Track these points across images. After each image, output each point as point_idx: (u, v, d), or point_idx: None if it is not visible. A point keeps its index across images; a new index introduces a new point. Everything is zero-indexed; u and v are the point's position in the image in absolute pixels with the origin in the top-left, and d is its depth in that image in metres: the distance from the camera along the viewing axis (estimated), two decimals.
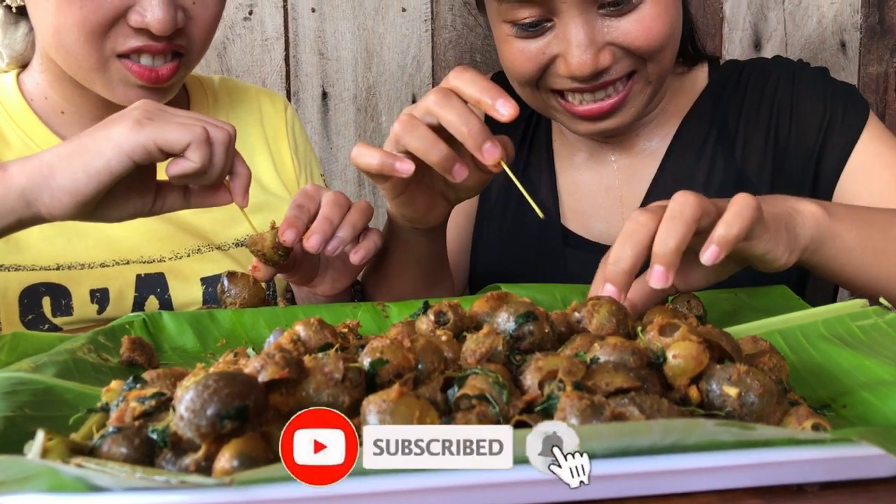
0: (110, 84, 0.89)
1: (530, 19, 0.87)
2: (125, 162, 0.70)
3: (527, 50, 0.89)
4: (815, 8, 1.53)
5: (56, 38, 0.87)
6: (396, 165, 0.73)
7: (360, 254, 0.80)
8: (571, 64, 0.86)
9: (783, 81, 0.99)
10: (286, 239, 0.77)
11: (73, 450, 0.43)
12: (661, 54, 0.89)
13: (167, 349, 0.73)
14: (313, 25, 1.46)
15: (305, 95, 1.48)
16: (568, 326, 0.62)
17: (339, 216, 0.79)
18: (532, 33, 0.88)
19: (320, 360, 0.48)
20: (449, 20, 1.48)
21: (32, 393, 0.55)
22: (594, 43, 0.86)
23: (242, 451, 0.42)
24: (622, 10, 0.86)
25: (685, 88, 1.03)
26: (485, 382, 0.48)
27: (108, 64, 0.88)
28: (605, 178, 1.03)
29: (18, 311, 0.90)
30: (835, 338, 0.66)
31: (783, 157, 0.97)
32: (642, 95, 0.92)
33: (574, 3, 0.84)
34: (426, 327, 0.62)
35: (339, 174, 1.50)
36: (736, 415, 0.49)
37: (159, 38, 0.86)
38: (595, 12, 0.86)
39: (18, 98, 0.97)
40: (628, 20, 0.86)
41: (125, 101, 0.90)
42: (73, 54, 0.87)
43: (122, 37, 0.86)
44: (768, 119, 0.99)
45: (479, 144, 0.71)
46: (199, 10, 0.89)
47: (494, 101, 0.71)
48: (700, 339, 0.52)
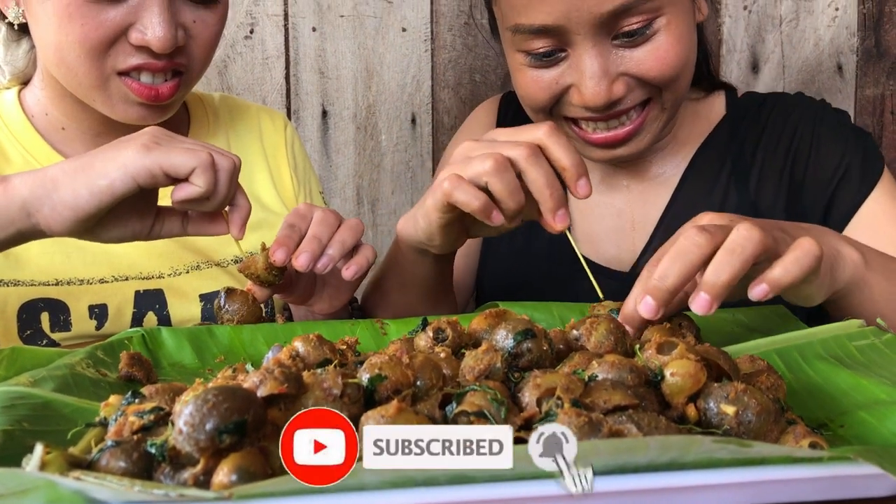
0: (110, 101, 0.90)
1: (544, 49, 0.87)
2: (129, 184, 0.71)
3: (540, 79, 0.90)
4: (812, 31, 1.54)
5: (57, 55, 0.88)
6: (493, 214, 0.73)
7: (351, 269, 0.80)
8: (585, 94, 0.87)
9: (805, 119, 1.00)
10: (277, 259, 0.77)
11: (72, 463, 0.43)
12: (675, 83, 0.89)
13: (165, 365, 0.73)
14: (314, 44, 1.47)
15: (305, 114, 1.49)
16: (566, 344, 0.62)
17: (329, 234, 0.79)
18: (546, 63, 0.89)
19: (319, 375, 0.48)
20: (448, 40, 1.50)
21: (31, 407, 0.55)
22: (608, 74, 0.86)
23: (241, 465, 0.42)
24: (636, 41, 0.86)
25: (701, 116, 1.04)
26: (483, 399, 0.49)
27: (109, 81, 0.89)
28: (617, 202, 1.03)
29: (17, 327, 0.90)
30: (832, 358, 0.66)
31: (796, 195, 0.97)
32: (657, 122, 0.92)
33: (588, 35, 0.85)
34: (425, 344, 0.62)
35: (339, 192, 1.51)
36: (733, 433, 0.49)
37: (160, 56, 0.87)
38: (608, 43, 0.86)
39: (20, 114, 0.98)
40: (642, 50, 0.86)
41: (125, 118, 0.91)
42: (74, 71, 0.88)
43: (122, 55, 0.87)
44: (785, 154, 0.99)
45: (555, 210, 0.72)
46: (199, 28, 0.90)
47: (578, 177, 0.72)
48: (698, 357, 0.53)
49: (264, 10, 1.45)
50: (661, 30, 0.86)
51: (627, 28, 0.85)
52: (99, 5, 0.84)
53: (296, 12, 1.46)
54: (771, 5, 1.54)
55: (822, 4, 1.54)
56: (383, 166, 1.52)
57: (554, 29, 0.86)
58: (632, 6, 0.84)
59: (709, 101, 1.04)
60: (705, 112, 1.04)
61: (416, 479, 0.40)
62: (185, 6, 0.88)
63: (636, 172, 1.03)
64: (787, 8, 1.54)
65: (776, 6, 1.54)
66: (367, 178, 1.52)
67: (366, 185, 1.52)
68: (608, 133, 0.90)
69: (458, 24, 1.50)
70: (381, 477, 0.40)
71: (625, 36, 0.86)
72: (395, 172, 1.52)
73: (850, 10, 1.54)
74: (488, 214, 0.73)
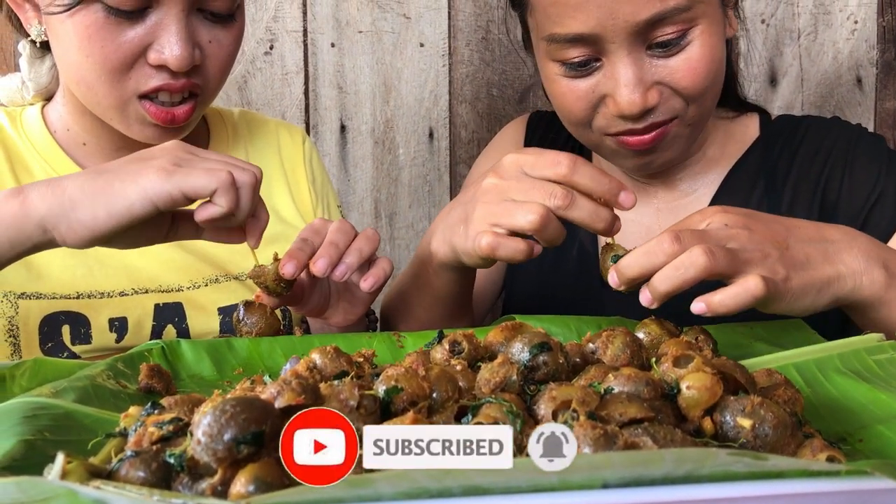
0: (127, 121, 0.92)
1: (579, 59, 0.88)
2: (148, 208, 0.71)
3: (576, 89, 0.90)
4: (831, 44, 1.54)
5: (77, 75, 0.89)
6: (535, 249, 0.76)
7: (369, 281, 0.80)
8: (620, 102, 0.87)
9: (841, 142, 0.99)
10: (286, 272, 0.78)
11: (92, 472, 0.44)
12: (703, 97, 0.90)
13: (185, 377, 0.73)
14: (333, 60, 1.48)
15: (324, 128, 1.50)
16: (582, 357, 0.62)
17: (346, 242, 0.80)
18: (581, 72, 0.89)
19: (336, 387, 0.49)
20: (466, 55, 1.50)
21: (52, 417, 0.55)
22: (642, 82, 0.86)
23: (258, 475, 0.42)
24: (670, 51, 0.87)
25: (735, 137, 1.04)
26: (499, 411, 0.49)
27: (128, 104, 0.90)
28: (646, 219, 1.03)
29: (38, 339, 0.91)
30: (851, 372, 0.65)
31: (828, 217, 0.97)
32: (681, 138, 0.93)
33: (623, 44, 0.85)
34: (441, 357, 0.63)
35: (357, 206, 1.52)
36: (750, 446, 0.49)
37: (177, 75, 0.88)
38: (643, 52, 0.87)
39: (42, 130, 0.99)
40: (675, 60, 0.87)
41: (142, 138, 0.93)
42: (94, 91, 0.90)
43: (143, 77, 0.88)
44: (819, 176, 0.98)
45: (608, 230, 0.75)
46: (214, 49, 0.91)
47: (616, 194, 0.73)
48: (714, 370, 0.53)
49: (284, 27, 1.47)
50: (695, 40, 0.87)
51: (662, 38, 0.86)
52: (118, 26, 0.86)
53: (315, 28, 1.48)
54: (789, 18, 1.54)
55: (840, 17, 1.53)
56: (401, 180, 1.53)
57: (589, 37, 0.86)
58: (667, 15, 0.85)
59: (742, 122, 1.05)
60: (739, 133, 1.04)
61: (431, 491, 0.40)
62: (202, 25, 0.90)
63: (666, 190, 1.03)
64: (805, 21, 1.53)
65: (794, 19, 1.54)
66: (384, 191, 1.52)
67: (383, 198, 1.53)
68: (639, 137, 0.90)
69: (475, 39, 1.50)
70: (396, 488, 0.40)
71: (659, 46, 0.86)
72: (412, 186, 1.53)
73: (870, 22, 1.53)
74: (531, 254, 0.76)
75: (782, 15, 1.53)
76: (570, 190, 0.73)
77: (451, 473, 0.40)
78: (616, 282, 0.70)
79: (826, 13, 1.53)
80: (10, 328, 0.90)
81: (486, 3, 1.50)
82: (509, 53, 1.51)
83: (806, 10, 1.53)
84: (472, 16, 1.50)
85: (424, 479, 0.40)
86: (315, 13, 1.47)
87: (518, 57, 1.50)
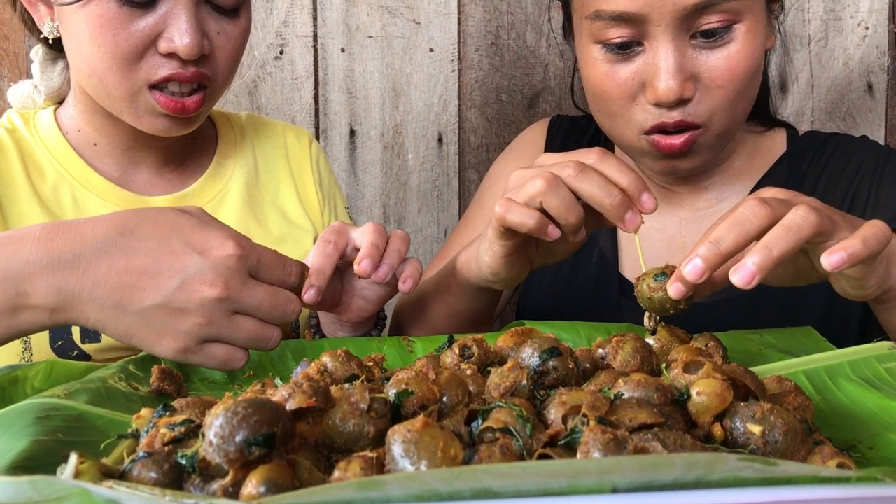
0: (137, 113, 0.93)
1: (621, 39, 0.88)
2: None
3: (615, 75, 0.90)
4: (842, 50, 1.54)
5: (89, 66, 0.91)
6: (549, 229, 0.73)
7: (408, 283, 0.81)
8: (658, 88, 0.86)
9: (869, 161, 0.99)
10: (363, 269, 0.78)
11: (105, 473, 0.44)
12: (736, 102, 0.89)
13: (195, 380, 0.74)
14: (342, 65, 1.49)
15: (333, 133, 1.51)
16: (592, 363, 0.62)
17: (384, 243, 0.81)
18: (621, 56, 0.89)
19: (347, 390, 0.49)
20: (476, 60, 1.51)
21: (65, 418, 0.56)
22: (682, 70, 0.86)
23: (269, 477, 0.42)
24: (714, 42, 0.87)
25: (762, 151, 1.04)
26: (509, 416, 0.49)
27: (139, 94, 0.91)
28: (669, 228, 1.03)
29: (49, 337, 0.92)
30: (861, 379, 0.65)
31: None
32: (710, 147, 0.92)
33: (667, 28, 0.85)
34: (451, 361, 0.63)
35: (366, 210, 1.52)
36: (760, 453, 0.49)
37: (187, 65, 0.90)
38: (687, 40, 0.87)
39: (55, 131, 1.01)
40: (717, 55, 0.87)
41: (152, 129, 0.94)
42: (105, 82, 0.91)
43: (154, 66, 0.90)
44: (844, 194, 0.98)
45: (622, 215, 0.71)
46: (223, 40, 0.93)
47: (640, 192, 0.72)
48: (724, 376, 0.53)
49: (294, 32, 1.48)
50: (738, 38, 0.87)
51: (707, 26, 0.86)
52: (130, 16, 0.87)
53: (325, 33, 1.48)
54: (799, 25, 1.53)
55: (851, 24, 1.53)
56: (410, 185, 1.53)
57: (635, 17, 0.86)
58: (715, 2, 0.85)
59: (769, 137, 1.05)
60: (766, 147, 1.04)
61: (441, 494, 0.40)
62: (210, 17, 0.91)
63: (692, 200, 1.03)
64: (815, 27, 1.53)
65: (804, 25, 1.53)
66: (393, 196, 1.53)
67: (392, 203, 1.53)
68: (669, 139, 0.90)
69: (485, 44, 1.51)
70: (407, 490, 0.40)
71: (703, 35, 0.86)
72: (421, 191, 1.53)
73: (881, 28, 1.53)
74: (544, 230, 0.73)
75: (793, 21, 1.53)
76: (586, 165, 0.72)
77: (462, 476, 0.41)
78: (700, 268, 0.61)
79: (837, 19, 1.53)
80: None
81: (495, 9, 1.50)
82: (518, 59, 1.51)
83: (816, 16, 1.53)
84: (482, 21, 1.50)
85: (435, 481, 0.40)
86: (325, 18, 1.48)
87: (527, 62, 1.51)
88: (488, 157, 1.53)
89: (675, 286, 0.64)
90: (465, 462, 0.45)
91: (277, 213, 1.09)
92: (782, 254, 0.60)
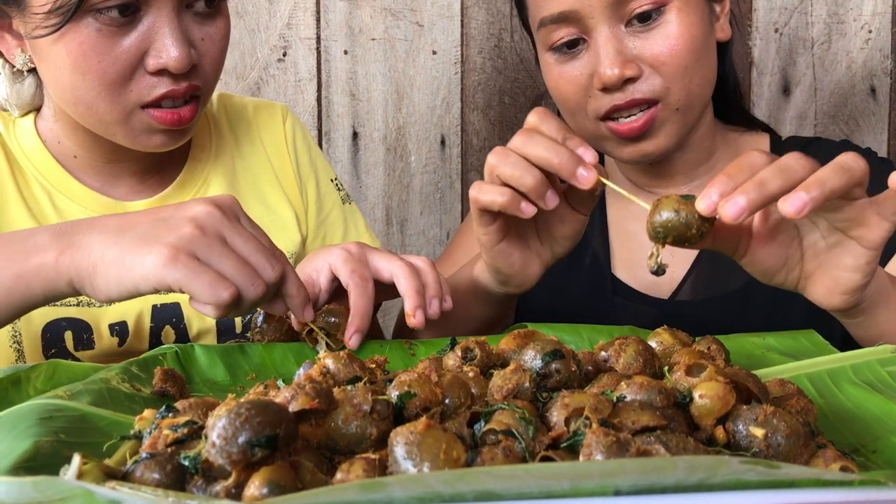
0: (133, 134, 0.90)
1: (566, 38, 0.94)
2: (150, 289, 0.69)
3: (567, 74, 0.95)
4: (845, 53, 1.53)
5: (74, 96, 0.87)
6: (522, 205, 0.73)
7: (449, 301, 0.81)
8: (602, 74, 0.91)
9: None
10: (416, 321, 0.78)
11: (108, 474, 0.44)
12: (685, 78, 0.93)
13: (198, 381, 0.74)
14: (345, 67, 1.49)
15: (336, 135, 1.51)
16: (595, 365, 0.62)
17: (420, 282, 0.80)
18: (569, 55, 0.95)
19: (349, 391, 0.49)
20: (478, 63, 1.51)
21: (68, 419, 0.56)
22: (621, 54, 0.92)
23: (272, 478, 0.42)
24: (648, 26, 0.92)
25: (743, 152, 1.04)
26: (511, 418, 0.49)
27: (131, 115, 0.88)
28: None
29: (42, 346, 0.91)
30: (864, 383, 0.65)
31: None
32: (671, 122, 0.95)
33: (601, 20, 0.91)
34: (453, 363, 0.63)
35: (368, 212, 1.52)
36: (762, 456, 0.49)
37: (179, 80, 0.87)
38: (622, 28, 0.92)
39: (36, 141, 0.98)
40: (653, 37, 0.92)
41: (147, 147, 0.91)
42: (94, 109, 0.88)
43: (145, 87, 0.87)
44: None
45: (573, 172, 0.71)
46: (207, 46, 0.90)
47: (576, 147, 0.72)
48: (727, 379, 0.53)
49: (297, 34, 1.48)
50: (671, 18, 0.92)
51: (639, 10, 0.91)
52: (112, 37, 0.84)
53: (328, 35, 1.48)
54: (802, 28, 1.53)
55: (854, 27, 1.53)
56: (412, 187, 1.53)
57: (571, 15, 0.92)
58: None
59: (752, 139, 1.06)
60: (747, 149, 1.04)
61: (443, 496, 0.41)
62: (193, 24, 0.89)
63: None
64: (818, 30, 1.53)
65: (807, 28, 1.53)
66: (396, 198, 1.53)
67: (395, 205, 1.53)
68: (629, 121, 0.94)
69: (487, 46, 1.51)
70: (409, 492, 0.40)
71: (637, 20, 0.92)
72: (423, 193, 1.53)
73: (884, 32, 1.53)
74: (516, 206, 0.74)
75: (796, 24, 1.53)
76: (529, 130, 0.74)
77: (464, 478, 0.41)
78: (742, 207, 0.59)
79: (840, 22, 1.53)
80: (13, 335, 0.91)
81: (498, 11, 1.50)
82: (521, 61, 1.52)
83: (819, 19, 1.53)
84: (485, 24, 1.50)
85: (437, 483, 0.40)
86: (328, 20, 1.48)
87: (530, 65, 1.51)
88: None
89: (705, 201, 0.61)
90: (468, 464, 0.46)
91: (258, 201, 1.05)
92: (834, 190, 0.60)
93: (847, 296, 0.69)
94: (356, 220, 1.14)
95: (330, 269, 0.83)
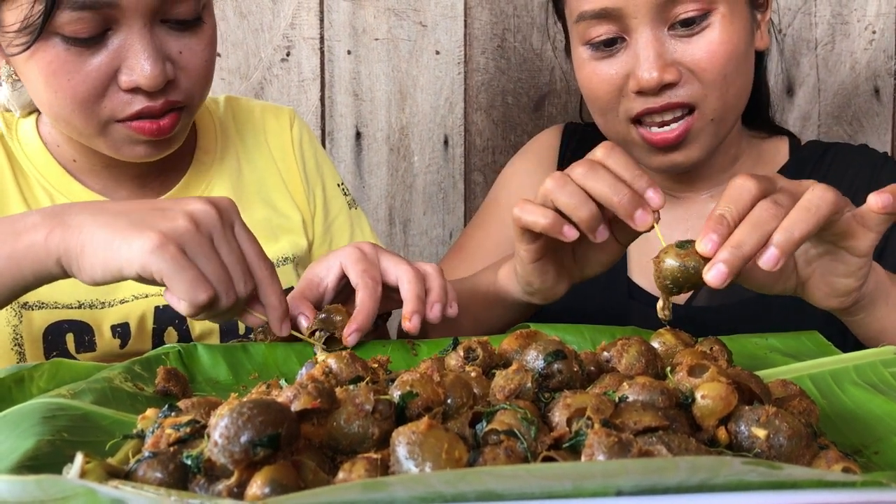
0: (115, 145, 0.89)
1: (605, 36, 0.92)
2: (133, 274, 0.69)
3: (602, 72, 0.94)
4: (849, 54, 1.53)
5: (52, 111, 0.88)
6: (565, 229, 0.73)
7: (455, 307, 0.81)
8: (640, 77, 0.90)
9: (865, 168, 1.01)
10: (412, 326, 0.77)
11: (110, 473, 0.44)
12: (723, 87, 0.92)
13: (201, 380, 0.74)
14: (349, 67, 1.49)
15: (340, 135, 1.51)
16: (597, 366, 0.62)
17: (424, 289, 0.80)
18: (607, 53, 0.93)
19: (351, 391, 0.49)
20: (482, 63, 1.51)
21: (71, 418, 0.56)
22: (661, 58, 0.90)
23: (274, 478, 0.42)
24: (691, 31, 0.90)
25: (764, 159, 1.05)
26: (513, 418, 0.49)
27: (108, 128, 0.88)
28: (675, 234, 1.03)
29: (43, 348, 0.91)
30: (867, 384, 0.65)
31: None
32: (705, 133, 0.94)
33: (644, 21, 0.90)
34: (455, 363, 0.63)
35: (371, 212, 1.52)
36: (764, 457, 0.49)
37: (155, 96, 0.86)
38: (664, 31, 0.91)
39: (38, 142, 0.98)
40: (695, 43, 0.91)
41: (132, 158, 0.91)
42: (71, 123, 0.88)
43: (119, 104, 0.86)
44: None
45: (631, 214, 0.71)
46: (187, 58, 0.87)
47: (645, 189, 0.71)
48: (729, 380, 0.53)
49: (300, 34, 1.48)
50: (715, 25, 0.90)
51: (684, 15, 0.90)
52: (80, 56, 0.83)
53: (331, 35, 1.49)
54: (806, 28, 1.53)
55: (858, 27, 1.53)
56: (415, 187, 1.53)
57: (614, 12, 0.91)
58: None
59: (773, 144, 1.06)
60: (769, 155, 1.05)
61: (445, 496, 0.41)
62: (169, 37, 0.86)
63: (697, 208, 1.03)
64: (822, 31, 1.53)
65: (811, 29, 1.53)
66: (399, 198, 1.53)
67: (398, 205, 1.53)
68: (663, 132, 0.93)
69: (491, 47, 1.51)
70: (411, 492, 0.40)
71: (681, 25, 0.90)
72: (427, 193, 1.54)
73: (888, 32, 1.53)
74: (559, 230, 0.73)
75: (799, 25, 1.53)
76: (594, 162, 0.73)
77: (466, 478, 0.41)
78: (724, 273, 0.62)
79: (844, 23, 1.53)
80: (14, 337, 0.91)
81: (501, 12, 1.50)
82: (525, 62, 1.52)
83: (823, 19, 1.53)
84: (488, 24, 1.50)
85: (439, 483, 0.40)
86: (332, 20, 1.48)
87: (533, 65, 1.51)
88: (494, 160, 1.53)
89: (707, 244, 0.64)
90: (470, 464, 0.46)
91: (264, 204, 1.05)
92: (804, 235, 0.63)
93: (843, 298, 0.71)
94: (362, 225, 1.14)
95: (340, 266, 0.82)
